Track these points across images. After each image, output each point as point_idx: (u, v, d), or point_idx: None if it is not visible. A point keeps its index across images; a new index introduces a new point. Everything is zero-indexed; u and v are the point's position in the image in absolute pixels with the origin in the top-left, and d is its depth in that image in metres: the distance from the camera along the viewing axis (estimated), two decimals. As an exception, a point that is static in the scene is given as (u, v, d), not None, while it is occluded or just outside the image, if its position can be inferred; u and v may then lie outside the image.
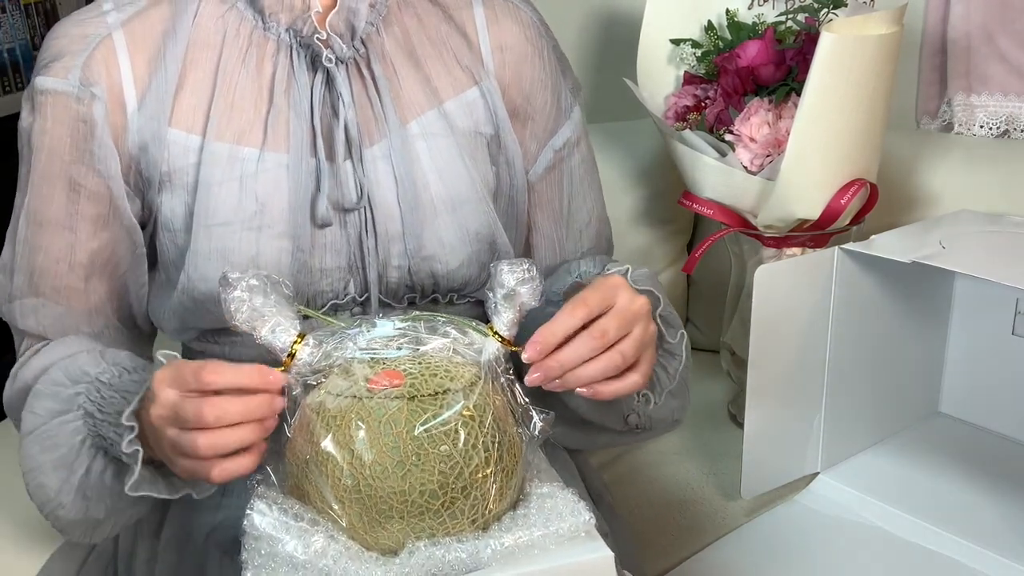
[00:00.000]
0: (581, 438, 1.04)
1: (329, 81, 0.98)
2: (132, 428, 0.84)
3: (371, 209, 0.98)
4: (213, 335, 1.03)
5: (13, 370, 1.02)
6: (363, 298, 1.01)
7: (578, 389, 0.86)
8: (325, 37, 0.98)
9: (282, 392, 0.81)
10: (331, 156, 0.98)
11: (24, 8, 2.78)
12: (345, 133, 0.98)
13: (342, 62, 0.99)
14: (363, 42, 1.00)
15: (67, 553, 1.14)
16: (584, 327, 0.86)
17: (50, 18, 2.84)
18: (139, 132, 0.97)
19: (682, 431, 1.41)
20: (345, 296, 1.00)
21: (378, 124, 0.99)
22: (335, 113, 0.98)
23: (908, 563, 1.15)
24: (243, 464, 0.80)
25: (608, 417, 0.99)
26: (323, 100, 0.98)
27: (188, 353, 1.10)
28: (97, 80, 0.96)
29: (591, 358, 0.85)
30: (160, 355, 0.86)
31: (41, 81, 0.97)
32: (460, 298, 1.05)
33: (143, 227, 1.01)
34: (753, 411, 1.20)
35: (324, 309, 1.00)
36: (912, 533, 1.18)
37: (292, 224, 0.96)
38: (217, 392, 0.79)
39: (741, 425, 1.29)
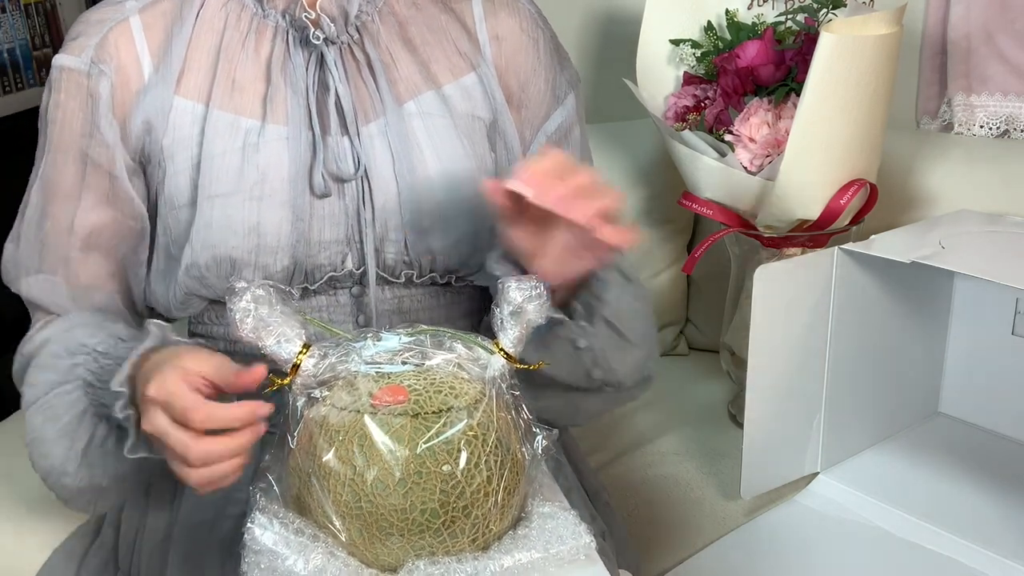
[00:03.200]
0: (565, 409, 1.04)
1: (322, 60, 1.02)
2: (123, 394, 0.87)
3: (368, 181, 1.01)
4: (217, 313, 1.06)
5: (21, 344, 1.05)
6: (360, 271, 1.02)
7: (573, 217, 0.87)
8: (314, 16, 1.01)
9: (269, 416, 0.83)
10: (327, 131, 1.01)
11: (24, 8, 2.78)
12: (338, 108, 1.01)
13: (333, 42, 1.02)
14: (358, 29, 1.04)
15: (70, 547, 1.15)
16: None
17: (50, 18, 2.84)
18: (145, 111, 1.02)
19: (682, 431, 1.41)
20: (343, 269, 1.02)
21: (373, 103, 1.03)
22: (327, 89, 1.01)
23: (908, 563, 1.15)
24: (225, 471, 0.83)
25: (574, 373, 0.99)
26: (316, 78, 1.02)
27: (192, 336, 1.12)
28: (107, 59, 1.02)
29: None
30: (150, 324, 0.91)
31: (58, 59, 1.03)
32: (459, 280, 1.06)
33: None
34: (753, 411, 1.20)
35: (321, 282, 1.02)
36: (912, 533, 1.18)
37: (292, 193, 0.99)
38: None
39: (741, 425, 1.29)
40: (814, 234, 1.29)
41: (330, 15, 1.02)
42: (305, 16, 1.02)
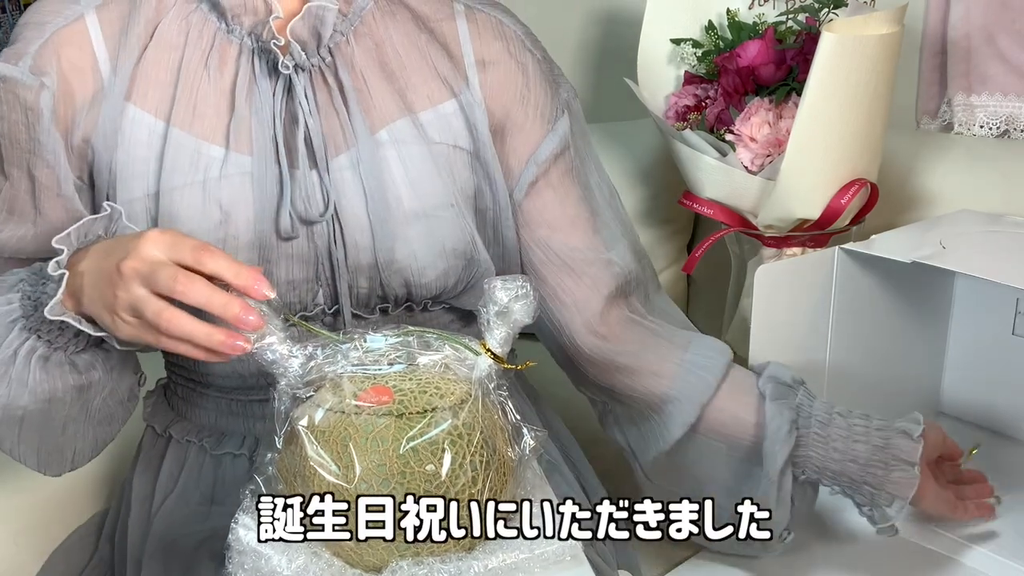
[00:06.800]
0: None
1: (290, 88, 0.96)
2: (62, 250, 0.84)
3: (339, 220, 0.96)
4: None
5: None
6: (333, 309, 0.99)
7: None
8: (283, 43, 0.95)
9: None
10: (294, 164, 0.95)
11: (24, 8, 2.78)
12: (306, 142, 0.95)
13: (303, 69, 0.96)
14: (330, 51, 0.98)
15: (67, 553, 1.14)
16: None
17: (50, 18, 2.85)
18: (98, 119, 0.95)
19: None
20: (314, 307, 0.98)
21: (344, 134, 0.97)
22: (296, 121, 0.96)
23: (908, 563, 1.15)
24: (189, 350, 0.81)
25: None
26: (284, 107, 0.96)
27: (169, 365, 1.09)
28: (48, 69, 0.94)
29: None
30: (107, 205, 0.88)
31: None
32: (435, 304, 1.03)
33: None
34: (753, 411, 1.20)
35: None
36: (912, 533, 1.18)
37: (257, 234, 0.95)
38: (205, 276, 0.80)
39: (741, 425, 1.28)
40: (814, 234, 1.29)
41: (301, 40, 0.95)
42: (274, 43, 0.94)
